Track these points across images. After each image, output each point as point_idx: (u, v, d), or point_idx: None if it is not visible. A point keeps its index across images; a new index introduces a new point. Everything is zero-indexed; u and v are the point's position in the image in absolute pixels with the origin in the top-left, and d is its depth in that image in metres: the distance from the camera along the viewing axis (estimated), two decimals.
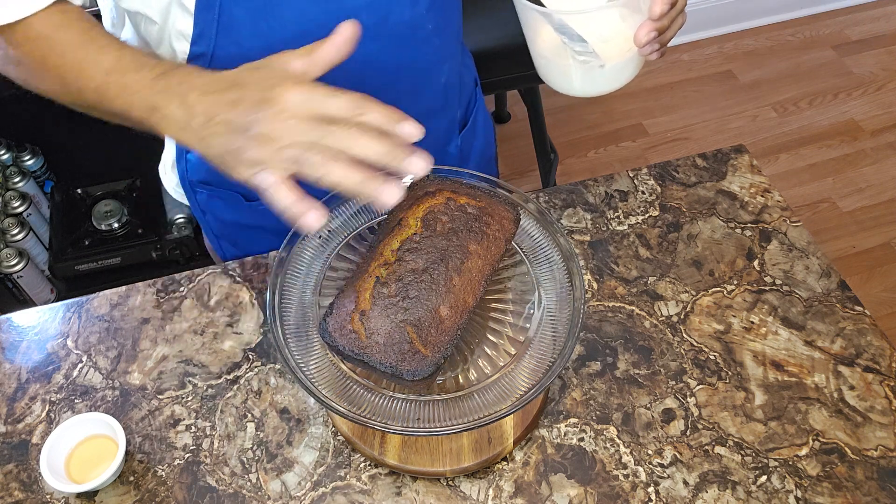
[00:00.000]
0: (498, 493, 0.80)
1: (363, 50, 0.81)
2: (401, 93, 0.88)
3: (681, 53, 2.56)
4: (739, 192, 1.05)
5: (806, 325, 0.92)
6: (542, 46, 0.72)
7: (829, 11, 2.67)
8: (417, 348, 0.70)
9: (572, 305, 0.76)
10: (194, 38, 0.77)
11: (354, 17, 0.77)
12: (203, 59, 0.78)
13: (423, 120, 0.94)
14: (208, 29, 0.75)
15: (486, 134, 1.11)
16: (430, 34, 0.84)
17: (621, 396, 0.86)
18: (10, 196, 1.70)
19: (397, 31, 0.81)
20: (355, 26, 0.61)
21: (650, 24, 0.67)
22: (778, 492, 0.80)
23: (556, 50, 0.71)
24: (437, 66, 0.89)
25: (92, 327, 0.93)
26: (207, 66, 0.78)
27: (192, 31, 0.76)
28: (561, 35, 0.69)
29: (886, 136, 2.32)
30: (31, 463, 0.83)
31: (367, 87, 0.85)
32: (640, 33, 0.67)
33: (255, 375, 0.89)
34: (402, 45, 0.82)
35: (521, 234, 0.83)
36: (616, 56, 0.70)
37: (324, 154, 0.58)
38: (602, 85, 0.73)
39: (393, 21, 0.79)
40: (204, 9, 0.74)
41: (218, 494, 0.80)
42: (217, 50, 0.77)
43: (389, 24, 0.79)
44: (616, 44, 0.69)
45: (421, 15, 0.82)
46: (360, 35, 0.61)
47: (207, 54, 0.77)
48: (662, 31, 0.69)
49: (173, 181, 1.09)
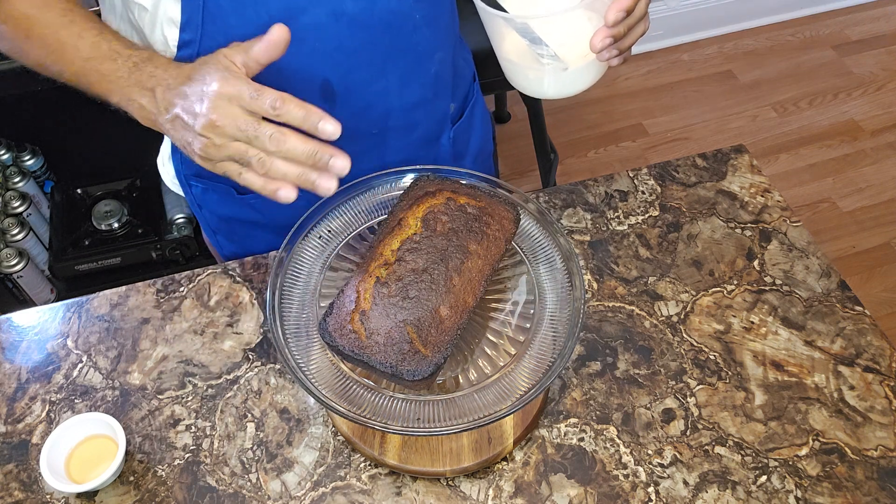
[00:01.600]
0: (498, 493, 0.80)
1: (352, 39, 0.81)
2: (390, 82, 0.88)
3: (681, 53, 2.56)
4: (739, 192, 1.05)
5: (806, 325, 0.92)
6: (507, 50, 0.73)
7: (829, 11, 2.67)
8: (417, 348, 0.70)
9: (572, 305, 0.76)
10: (182, 24, 0.78)
11: (340, 6, 0.78)
12: (192, 46, 0.79)
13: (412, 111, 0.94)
14: (195, 16, 0.77)
15: (483, 130, 1.11)
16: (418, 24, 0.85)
17: (621, 396, 0.86)
18: (10, 196, 1.70)
19: (385, 20, 0.81)
20: (284, 30, 0.65)
21: (605, 31, 0.68)
22: (778, 492, 0.80)
23: (520, 54, 0.72)
24: (427, 56, 0.89)
25: (92, 327, 0.93)
26: (196, 52, 0.79)
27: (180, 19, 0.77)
28: (524, 39, 0.70)
29: (886, 136, 2.32)
30: (31, 463, 0.83)
31: (355, 76, 0.85)
32: (595, 40, 0.69)
33: (255, 375, 0.89)
34: (390, 34, 0.83)
35: (521, 234, 0.83)
36: (579, 59, 0.71)
37: (261, 152, 0.65)
38: (568, 87, 0.75)
39: (379, 9, 0.80)
40: None
41: (218, 494, 0.80)
42: (204, 37, 0.78)
43: (376, 13, 0.80)
44: (578, 47, 0.70)
45: (409, 5, 0.82)
46: (289, 38, 0.65)
47: (196, 41, 0.78)
48: (619, 37, 0.70)
49: (170, 173, 1.08)
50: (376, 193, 0.86)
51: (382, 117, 0.91)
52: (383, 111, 0.90)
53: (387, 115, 0.91)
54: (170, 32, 0.80)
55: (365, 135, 0.91)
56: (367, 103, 0.88)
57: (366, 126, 0.91)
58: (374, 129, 0.92)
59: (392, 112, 0.91)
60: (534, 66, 0.72)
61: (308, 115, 0.65)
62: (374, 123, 0.91)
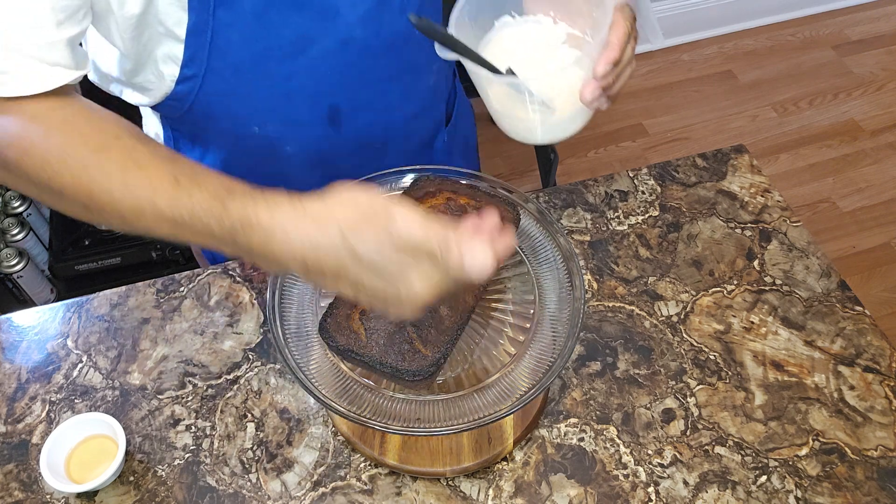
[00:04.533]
0: (498, 493, 0.80)
1: (359, 63, 0.81)
2: (391, 99, 0.88)
3: (681, 53, 2.56)
4: (739, 192, 1.05)
5: (806, 325, 0.92)
6: (495, 100, 0.72)
7: (829, 11, 2.67)
8: (417, 348, 0.70)
9: (572, 305, 0.76)
10: (185, 61, 0.76)
11: (349, 33, 0.77)
12: (194, 81, 0.77)
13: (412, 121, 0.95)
14: (200, 52, 0.75)
15: (468, 123, 1.12)
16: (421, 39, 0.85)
17: (621, 396, 0.86)
18: (10, 196, 1.70)
19: (389, 41, 0.81)
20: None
21: (595, 84, 0.66)
22: (778, 492, 0.80)
23: (509, 101, 0.71)
24: (426, 69, 0.90)
25: (92, 327, 0.93)
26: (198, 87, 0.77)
27: (182, 56, 0.75)
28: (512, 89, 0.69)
29: (886, 136, 2.32)
30: (31, 463, 0.83)
31: (360, 96, 0.85)
32: (586, 92, 0.66)
33: (255, 375, 0.89)
34: (393, 53, 0.83)
35: (521, 234, 0.83)
36: (568, 107, 0.70)
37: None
38: (557, 133, 0.73)
39: (385, 32, 0.79)
40: (195, 34, 0.73)
41: (218, 494, 0.80)
42: (208, 72, 0.76)
43: (382, 36, 0.79)
44: (567, 96, 0.69)
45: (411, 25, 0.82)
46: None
47: (199, 76, 0.77)
48: (608, 87, 0.68)
49: None
50: None
51: (384, 131, 0.92)
52: (385, 125, 0.91)
53: (388, 128, 0.92)
54: (167, 69, 0.77)
55: (366, 147, 0.92)
56: (371, 121, 0.89)
57: (368, 140, 0.91)
58: (376, 142, 0.92)
59: (393, 125, 0.92)
60: (522, 114, 0.71)
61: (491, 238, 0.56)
62: (376, 137, 0.91)
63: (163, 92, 0.80)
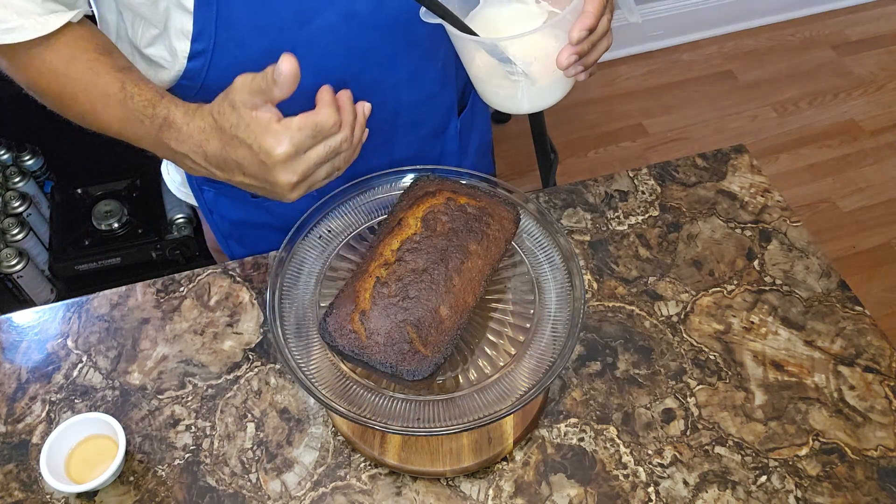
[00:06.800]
0: (498, 493, 0.80)
1: (363, 39, 0.81)
2: (399, 79, 0.88)
3: (681, 53, 2.56)
4: (739, 192, 1.05)
5: (806, 325, 0.92)
6: (477, 68, 0.76)
7: (829, 11, 2.67)
8: (417, 348, 0.70)
9: (572, 305, 0.76)
10: (195, 35, 0.77)
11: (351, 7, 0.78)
12: (204, 56, 0.78)
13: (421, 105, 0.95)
14: (208, 26, 0.76)
15: (484, 121, 1.12)
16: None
17: (621, 396, 0.86)
18: (10, 196, 1.70)
19: (393, 17, 0.81)
20: (293, 64, 0.63)
21: (570, 49, 0.70)
22: (778, 492, 0.80)
23: (490, 71, 0.75)
24: (434, 50, 0.90)
25: (92, 327, 0.93)
26: (208, 62, 0.78)
27: (192, 29, 0.77)
28: (494, 58, 0.72)
29: (886, 136, 2.32)
30: (31, 463, 0.83)
31: (367, 75, 0.85)
32: (561, 57, 0.70)
33: (255, 375, 0.89)
34: (398, 31, 0.83)
35: (521, 234, 0.83)
36: (547, 75, 0.74)
37: (345, 152, 0.69)
38: (538, 101, 0.77)
39: (388, 7, 0.80)
40: (202, 6, 0.74)
41: (218, 494, 0.80)
42: (217, 47, 0.77)
43: (385, 10, 0.80)
44: (546, 64, 0.72)
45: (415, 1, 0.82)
46: (299, 69, 0.63)
47: (208, 50, 0.78)
48: (583, 54, 0.71)
49: (177, 180, 1.08)
50: (376, 193, 0.86)
51: (392, 115, 0.92)
52: (393, 109, 0.91)
53: (396, 112, 0.92)
54: (179, 44, 0.79)
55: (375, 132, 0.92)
56: (378, 102, 0.89)
57: (376, 124, 0.91)
58: (384, 126, 0.92)
59: (402, 109, 0.92)
60: (504, 83, 0.75)
61: (344, 116, 0.69)
62: (384, 121, 0.91)
63: (176, 70, 0.81)
